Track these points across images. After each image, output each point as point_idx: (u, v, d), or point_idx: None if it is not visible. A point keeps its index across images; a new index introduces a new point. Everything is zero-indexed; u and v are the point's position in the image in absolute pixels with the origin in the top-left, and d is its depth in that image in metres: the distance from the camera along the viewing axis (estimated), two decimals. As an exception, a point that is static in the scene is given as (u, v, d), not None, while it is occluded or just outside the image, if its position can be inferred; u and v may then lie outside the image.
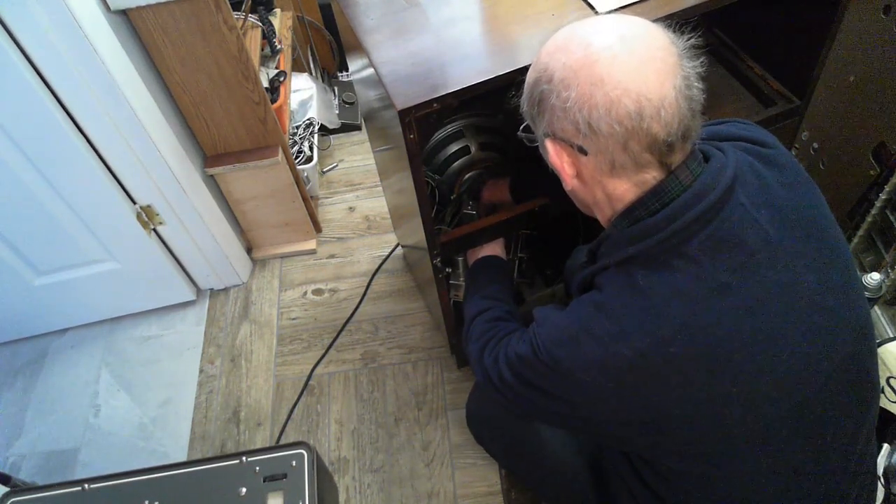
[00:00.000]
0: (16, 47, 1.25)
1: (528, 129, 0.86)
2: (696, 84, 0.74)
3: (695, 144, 0.77)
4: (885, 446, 1.07)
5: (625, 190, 0.78)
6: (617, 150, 0.73)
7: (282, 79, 1.90)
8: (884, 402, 1.11)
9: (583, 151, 0.76)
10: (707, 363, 0.73)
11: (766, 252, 0.75)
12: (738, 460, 0.79)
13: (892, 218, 1.51)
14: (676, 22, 0.78)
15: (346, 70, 2.51)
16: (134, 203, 1.62)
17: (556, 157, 0.79)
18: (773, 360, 0.75)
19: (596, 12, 1.05)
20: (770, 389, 0.75)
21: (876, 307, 1.57)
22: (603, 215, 0.83)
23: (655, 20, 0.79)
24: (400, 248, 1.97)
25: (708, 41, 0.85)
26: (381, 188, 2.06)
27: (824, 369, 0.77)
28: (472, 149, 1.37)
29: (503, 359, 0.90)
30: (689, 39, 0.75)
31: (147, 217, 1.67)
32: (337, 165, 2.28)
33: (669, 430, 0.78)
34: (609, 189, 0.78)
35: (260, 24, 1.91)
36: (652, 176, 0.76)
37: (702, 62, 0.75)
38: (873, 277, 1.26)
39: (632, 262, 0.77)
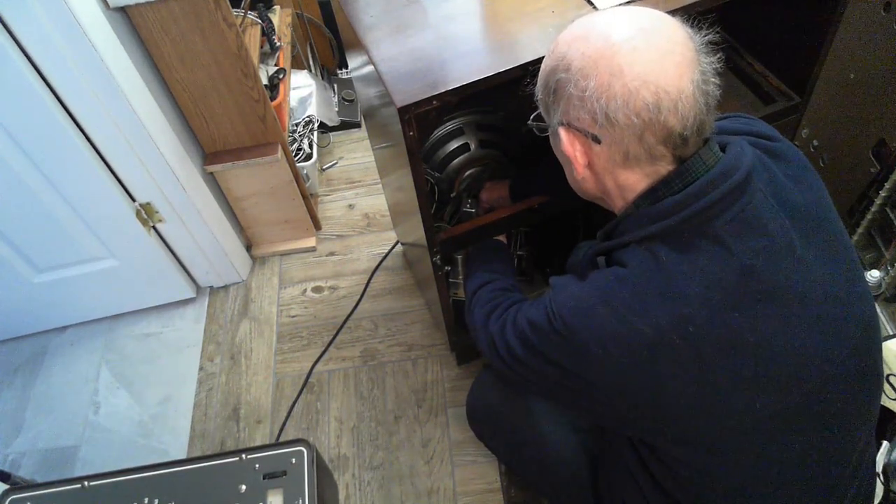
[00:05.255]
0: (15, 45, 1.25)
1: (538, 119, 0.86)
2: (712, 79, 0.74)
3: (707, 139, 0.78)
4: (885, 444, 1.08)
5: (636, 181, 0.78)
6: (632, 142, 0.74)
7: (281, 76, 1.90)
8: (883, 400, 1.11)
9: (597, 140, 0.76)
10: (722, 345, 0.73)
11: (784, 239, 0.75)
12: (743, 449, 0.79)
13: (891, 215, 1.51)
14: (694, 17, 0.78)
15: (346, 67, 2.51)
16: (133, 200, 1.62)
17: (569, 145, 0.79)
18: (786, 347, 0.75)
19: (595, 9, 1.05)
20: (781, 377, 0.75)
21: (875, 304, 1.58)
22: (615, 205, 0.83)
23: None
24: (399, 245, 1.97)
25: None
26: (380, 186, 2.06)
27: (834, 359, 0.77)
28: (472, 146, 1.37)
29: (511, 326, 0.89)
30: (706, 35, 0.75)
31: (146, 214, 1.67)
32: (336, 163, 2.27)
33: (677, 413, 0.78)
34: (620, 180, 0.79)
35: (259, 21, 1.90)
36: (665, 168, 0.76)
37: (718, 58, 0.75)
38: (873, 275, 1.27)
39: (654, 240, 0.76)
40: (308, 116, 2.10)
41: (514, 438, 1.16)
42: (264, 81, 1.81)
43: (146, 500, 0.97)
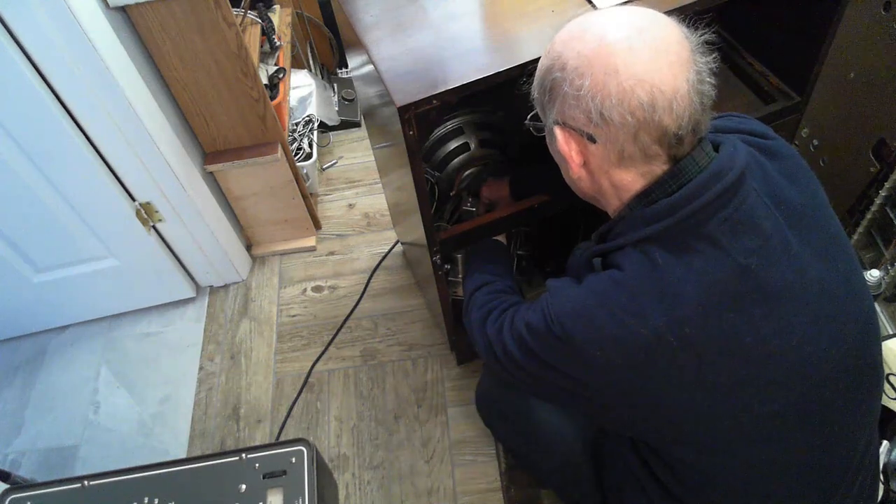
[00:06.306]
0: (15, 45, 1.25)
1: (536, 118, 0.86)
2: (708, 79, 0.74)
3: (702, 138, 0.78)
4: (885, 443, 1.08)
5: (631, 180, 0.78)
6: (627, 141, 0.74)
7: (281, 75, 1.90)
8: (883, 400, 1.11)
9: (592, 140, 0.76)
10: (719, 346, 0.73)
11: (779, 237, 0.75)
12: (743, 448, 0.79)
13: (891, 215, 1.51)
14: (690, 17, 0.78)
15: (346, 67, 2.51)
16: (133, 200, 1.62)
17: (565, 144, 0.79)
18: (783, 346, 0.75)
19: (595, 8, 1.05)
20: (779, 376, 0.75)
21: (875, 304, 1.58)
22: (610, 205, 0.83)
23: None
24: (399, 244, 1.97)
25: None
26: (380, 185, 2.06)
27: (832, 357, 0.77)
28: (472, 145, 1.37)
29: (508, 330, 0.89)
30: (702, 35, 0.76)
31: (146, 214, 1.67)
32: (336, 162, 2.27)
33: (676, 414, 0.78)
34: (615, 179, 0.79)
35: (259, 20, 1.90)
36: (659, 168, 0.76)
37: (714, 58, 0.75)
38: (873, 275, 1.27)
39: (649, 242, 0.76)
40: (308, 116, 2.10)
41: (521, 429, 1.16)
42: (264, 81, 1.81)
43: (146, 500, 0.97)
